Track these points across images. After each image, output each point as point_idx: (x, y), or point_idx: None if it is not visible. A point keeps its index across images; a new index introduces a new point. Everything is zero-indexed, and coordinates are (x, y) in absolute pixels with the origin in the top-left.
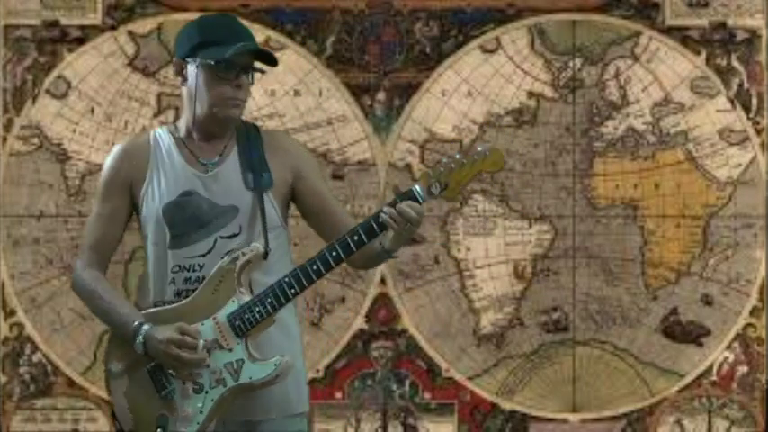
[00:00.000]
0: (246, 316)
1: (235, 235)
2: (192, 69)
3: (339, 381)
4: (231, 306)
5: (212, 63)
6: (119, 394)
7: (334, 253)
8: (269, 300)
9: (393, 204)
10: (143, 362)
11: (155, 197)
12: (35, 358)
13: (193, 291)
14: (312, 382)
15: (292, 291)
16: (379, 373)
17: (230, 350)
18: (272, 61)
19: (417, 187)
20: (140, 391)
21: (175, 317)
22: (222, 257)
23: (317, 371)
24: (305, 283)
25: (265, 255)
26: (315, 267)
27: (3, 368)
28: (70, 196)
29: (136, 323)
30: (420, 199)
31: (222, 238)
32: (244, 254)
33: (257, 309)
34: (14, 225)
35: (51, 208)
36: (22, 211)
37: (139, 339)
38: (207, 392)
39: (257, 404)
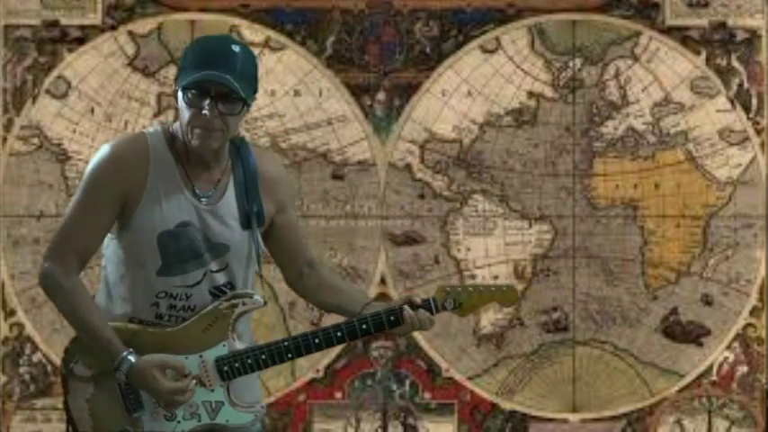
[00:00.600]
0: (236, 365)
1: (221, 269)
2: (178, 91)
3: (339, 381)
4: (221, 350)
5: (179, 89)
6: (79, 398)
7: (338, 334)
8: (263, 357)
9: (412, 307)
10: (113, 376)
11: (151, 220)
12: (35, 358)
13: (176, 318)
14: (312, 382)
15: (289, 356)
16: (379, 373)
17: (212, 390)
18: (237, 97)
19: (435, 299)
20: (106, 401)
21: (160, 342)
22: (210, 291)
23: (317, 371)
24: (303, 352)
25: (264, 303)
26: (317, 341)
27: (3, 368)
28: (70, 196)
29: (121, 355)
30: (434, 311)
31: (211, 271)
32: (245, 304)
33: (249, 362)
34: (14, 225)
35: (51, 208)
36: (22, 211)
37: (122, 373)
38: (179, 422)
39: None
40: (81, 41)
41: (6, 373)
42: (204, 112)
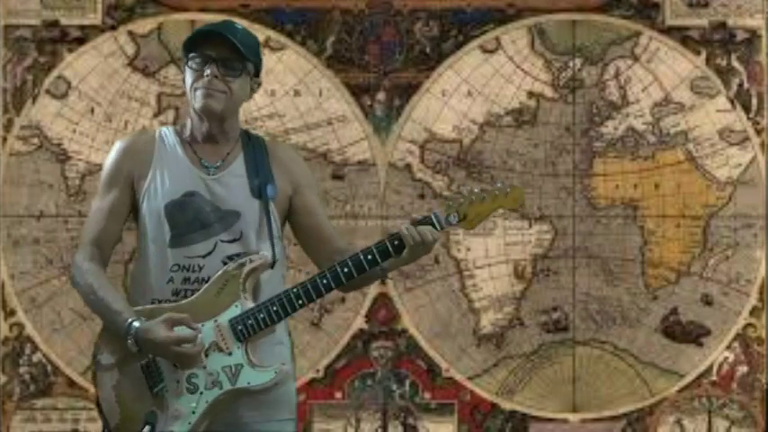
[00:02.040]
0: (250, 322)
1: (235, 240)
2: (184, 71)
3: (339, 381)
4: (234, 310)
5: (186, 57)
6: (107, 387)
7: (345, 269)
8: (274, 308)
9: (413, 224)
10: (135, 357)
11: (157, 194)
12: (35, 358)
13: (192, 291)
14: (312, 382)
15: (300, 302)
16: (379, 373)
17: (229, 354)
18: (239, 51)
19: (436, 214)
20: (131, 385)
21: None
22: (224, 261)
23: (317, 371)
24: (314, 296)
25: (272, 264)
26: (325, 282)
27: (3, 368)
28: (70, 196)
29: (127, 321)
30: (438, 226)
31: (222, 241)
32: (251, 261)
33: (261, 316)
34: (14, 225)
35: (51, 208)
36: (22, 211)
37: (131, 339)
38: (202, 393)
39: (246, 406)
40: (81, 41)
41: (6, 373)
42: (206, 72)
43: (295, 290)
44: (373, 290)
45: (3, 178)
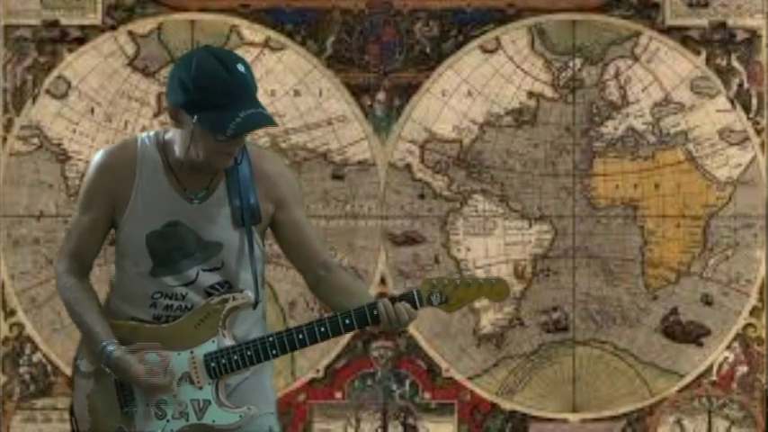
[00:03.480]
0: (223, 361)
1: (216, 269)
2: (186, 119)
3: (339, 381)
4: (210, 346)
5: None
6: (81, 394)
7: (322, 329)
8: (248, 353)
9: (392, 301)
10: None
11: (138, 221)
12: (35, 358)
13: (174, 318)
14: (312, 382)
15: (273, 352)
16: (379, 373)
17: (200, 388)
18: (272, 124)
19: (419, 292)
20: (103, 398)
21: (153, 338)
22: (207, 290)
23: (317, 371)
24: (288, 348)
25: (255, 305)
26: (300, 337)
27: (3, 368)
28: (70, 196)
29: (101, 344)
30: (418, 305)
31: (204, 270)
32: (234, 299)
33: (234, 358)
34: (14, 225)
35: (51, 208)
36: (22, 211)
37: (103, 362)
38: (168, 421)
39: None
40: (81, 41)
41: (6, 373)
42: (229, 151)
43: (271, 339)
44: (373, 290)
45: (3, 178)
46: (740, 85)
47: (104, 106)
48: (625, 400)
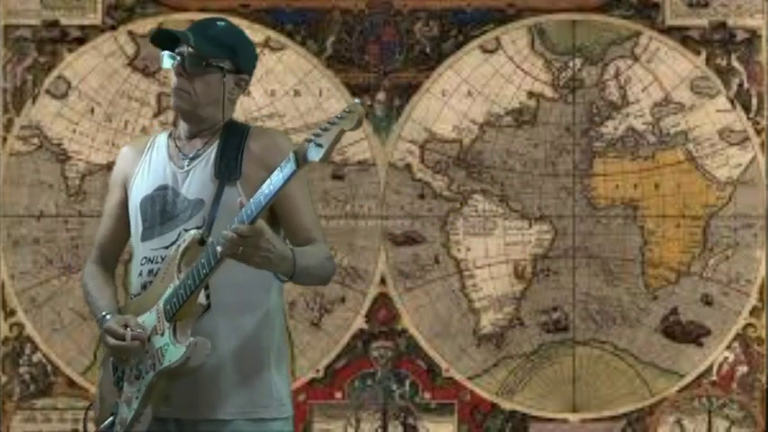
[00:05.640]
0: (174, 300)
1: (198, 227)
2: None
3: (339, 381)
4: (168, 291)
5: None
6: (98, 383)
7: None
8: (189, 282)
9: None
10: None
11: (137, 189)
12: (35, 358)
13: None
14: (312, 382)
15: (204, 271)
16: (379, 373)
17: (161, 335)
18: (172, 38)
19: (293, 154)
20: (107, 380)
21: (136, 308)
22: None
23: (317, 371)
24: (213, 262)
25: (201, 242)
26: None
27: (3, 368)
28: (70, 196)
29: (100, 315)
30: (296, 165)
31: (186, 230)
32: (185, 241)
33: (180, 292)
34: (14, 225)
35: (51, 208)
36: (22, 211)
37: (102, 334)
38: (143, 378)
39: (202, 402)
40: (81, 41)
41: (6, 373)
42: (175, 71)
43: (202, 259)
44: (373, 290)
45: (3, 178)
46: (740, 85)
47: (104, 106)
48: (625, 400)
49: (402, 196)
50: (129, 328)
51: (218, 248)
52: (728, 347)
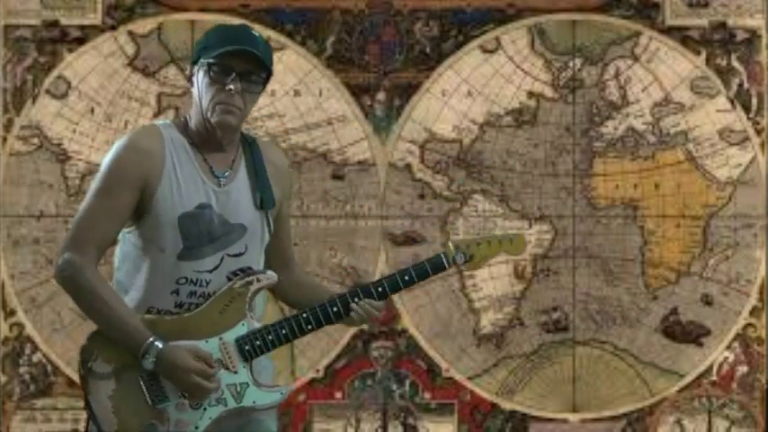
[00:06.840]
0: (258, 343)
1: (240, 254)
2: (196, 72)
3: (339, 381)
4: (240, 329)
5: (206, 64)
6: (101, 396)
7: (355, 299)
8: (284, 332)
9: (420, 265)
10: (134, 368)
11: (172, 202)
12: (35, 358)
13: (196, 305)
14: (312, 382)
15: (309, 327)
16: (379, 373)
17: (235, 372)
18: (263, 66)
19: (443, 255)
20: (129, 395)
21: (178, 329)
22: (228, 276)
23: (317, 371)
24: (323, 322)
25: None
26: (335, 310)
27: (3, 368)
28: (70, 196)
29: (148, 340)
30: (445, 266)
31: (229, 255)
32: (259, 280)
33: (270, 338)
34: (14, 225)
35: (51, 208)
36: (22, 211)
37: (151, 358)
38: (205, 409)
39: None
40: (81, 41)
41: (6, 373)
42: (229, 87)
43: (305, 314)
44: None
45: (3, 178)
46: (740, 85)
47: (104, 106)
48: (625, 400)
49: (402, 196)
50: (203, 362)
51: (330, 308)
52: (728, 347)
